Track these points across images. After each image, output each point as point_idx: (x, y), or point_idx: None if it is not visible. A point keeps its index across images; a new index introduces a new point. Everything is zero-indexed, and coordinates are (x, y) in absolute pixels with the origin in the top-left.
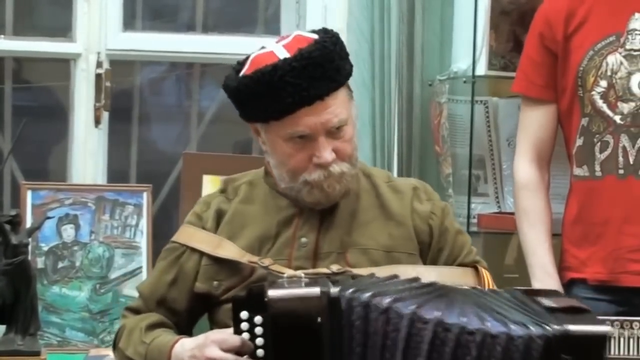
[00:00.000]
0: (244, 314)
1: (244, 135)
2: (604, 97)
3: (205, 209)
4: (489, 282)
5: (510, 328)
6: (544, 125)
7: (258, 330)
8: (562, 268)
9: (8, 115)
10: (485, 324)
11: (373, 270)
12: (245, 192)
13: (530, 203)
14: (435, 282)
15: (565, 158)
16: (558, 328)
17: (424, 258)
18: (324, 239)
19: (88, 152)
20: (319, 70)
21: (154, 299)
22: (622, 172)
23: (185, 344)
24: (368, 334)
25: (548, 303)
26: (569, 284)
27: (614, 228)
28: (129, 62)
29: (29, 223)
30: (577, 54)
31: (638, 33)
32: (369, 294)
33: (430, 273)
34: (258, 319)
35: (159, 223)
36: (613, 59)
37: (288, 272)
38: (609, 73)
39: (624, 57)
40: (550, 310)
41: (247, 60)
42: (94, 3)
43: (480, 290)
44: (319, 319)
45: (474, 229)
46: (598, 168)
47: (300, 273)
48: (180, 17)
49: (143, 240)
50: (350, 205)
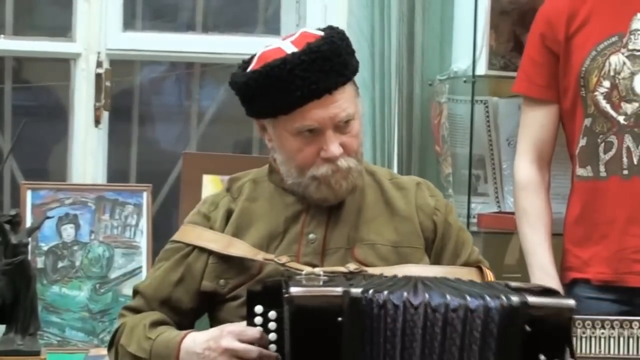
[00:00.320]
0: (259, 308)
1: (244, 135)
2: (608, 97)
3: (213, 209)
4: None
5: (487, 300)
6: (545, 126)
7: (272, 326)
8: (563, 268)
9: (8, 115)
10: (466, 300)
11: (385, 270)
12: (250, 190)
13: (531, 203)
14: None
15: (566, 158)
16: (518, 299)
17: (428, 254)
18: (332, 235)
19: (88, 151)
20: (328, 64)
21: (158, 299)
22: (626, 172)
23: (197, 338)
24: (384, 333)
25: (516, 286)
26: (571, 284)
27: (618, 228)
28: (129, 61)
29: (29, 223)
30: (579, 54)
31: None
32: (386, 293)
33: (437, 272)
34: (272, 314)
35: (159, 223)
36: (616, 59)
37: (306, 269)
38: (612, 73)
39: (627, 57)
40: (515, 290)
41: (253, 58)
42: (94, 3)
43: (446, 278)
44: (340, 318)
45: (474, 229)
46: (603, 169)
47: (319, 271)
48: (180, 16)
49: (143, 240)
50: (357, 201)
